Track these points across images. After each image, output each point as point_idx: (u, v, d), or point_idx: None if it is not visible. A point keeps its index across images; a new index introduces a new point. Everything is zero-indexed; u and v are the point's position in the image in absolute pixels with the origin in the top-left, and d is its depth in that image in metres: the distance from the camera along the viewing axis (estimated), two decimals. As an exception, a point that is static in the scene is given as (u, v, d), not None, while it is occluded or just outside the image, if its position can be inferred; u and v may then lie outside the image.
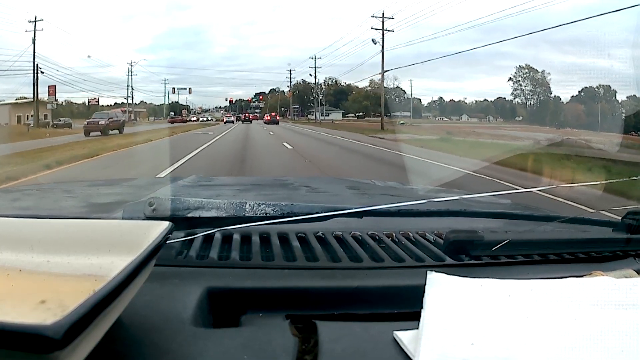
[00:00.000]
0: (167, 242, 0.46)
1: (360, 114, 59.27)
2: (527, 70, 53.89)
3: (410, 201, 0.72)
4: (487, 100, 61.72)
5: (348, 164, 10.18)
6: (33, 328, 0.28)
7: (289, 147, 13.92)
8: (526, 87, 54.09)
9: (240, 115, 57.39)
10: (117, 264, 0.39)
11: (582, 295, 0.50)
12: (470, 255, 0.66)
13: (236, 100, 74.48)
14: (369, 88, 61.79)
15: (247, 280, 0.58)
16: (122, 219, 0.62)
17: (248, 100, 69.75)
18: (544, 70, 52.62)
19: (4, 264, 0.44)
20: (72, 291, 0.38)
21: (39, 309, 0.35)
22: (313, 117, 58.29)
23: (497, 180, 7.19)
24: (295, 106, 61.96)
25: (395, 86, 62.33)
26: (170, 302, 0.51)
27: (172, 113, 57.16)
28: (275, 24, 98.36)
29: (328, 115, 54.29)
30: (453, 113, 61.05)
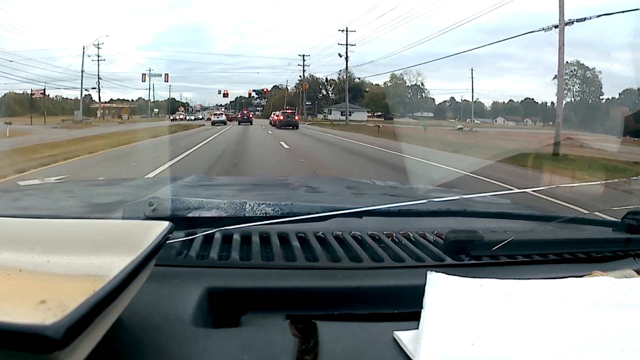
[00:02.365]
0: (167, 242, 0.46)
1: (380, 113, 51.72)
2: (575, 67, 46.77)
3: (410, 201, 0.73)
4: (512, 101, 56.60)
5: None
6: (33, 328, 0.28)
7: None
8: (573, 87, 47.31)
9: (237, 113, 46.11)
10: (117, 264, 0.39)
11: (582, 295, 0.50)
12: (470, 255, 0.66)
13: (236, 97, 70.72)
14: (390, 84, 55.93)
15: (247, 280, 0.58)
16: (122, 219, 0.62)
17: (249, 93, 58.78)
18: (594, 68, 45.69)
19: (4, 264, 0.44)
20: (72, 291, 0.38)
21: (39, 309, 0.35)
22: (330, 116, 49.29)
23: None
24: (308, 103, 52.54)
25: (418, 82, 55.97)
26: (170, 302, 0.51)
27: (156, 110, 54.76)
28: (276, 22, 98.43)
29: (350, 115, 44.40)
30: (475, 115, 55.01)
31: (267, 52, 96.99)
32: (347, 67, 41.72)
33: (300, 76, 51.97)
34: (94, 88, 41.65)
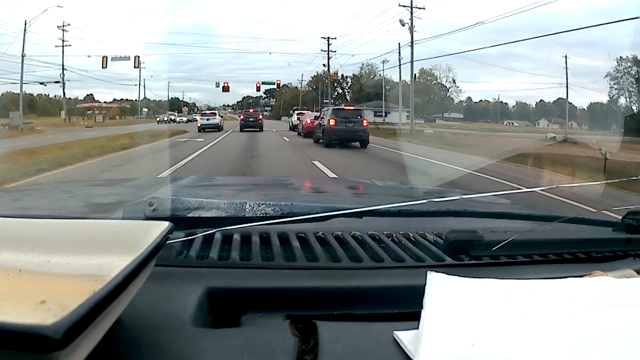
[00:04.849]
0: (167, 242, 0.46)
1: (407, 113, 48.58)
2: (630, 64, 40.20)
3: (410, 201, 0.73)
4: (543, 101, 51.83)
5: None
6: (33, 328, 0.28)
7: None
8: (626, 86, 40.49)
9: (241, 114, 31.13)
10: (117, 264, 0.39)
11: (582, 295, 0.50)
12: (470, 255, 0.66)
13: (243, 97, 66.83)
14: (419, 80, 49.19)
15: (247, 280, 0.58)
16: (122, 219, 0.62)
17: (257, 86, 45.19)
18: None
19: (4, 264, 0.44)
20: (72, 291, 0.38)
21: (39, 309, 0.35)
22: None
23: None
24: (331, 101, 39.37)
25: (449, 79, 51.30)
26: (170, 302, 0.51)
27: (146, 109, 52.04)
28: (285, 21, 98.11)
29: (386, 116, 37.85)
30: (499, 116, 51.00)
31: (275, 51, 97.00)
32: (412, 39, 25.92)
33: (324, 65, 39.12)
34: (60, 83, 37.34)
